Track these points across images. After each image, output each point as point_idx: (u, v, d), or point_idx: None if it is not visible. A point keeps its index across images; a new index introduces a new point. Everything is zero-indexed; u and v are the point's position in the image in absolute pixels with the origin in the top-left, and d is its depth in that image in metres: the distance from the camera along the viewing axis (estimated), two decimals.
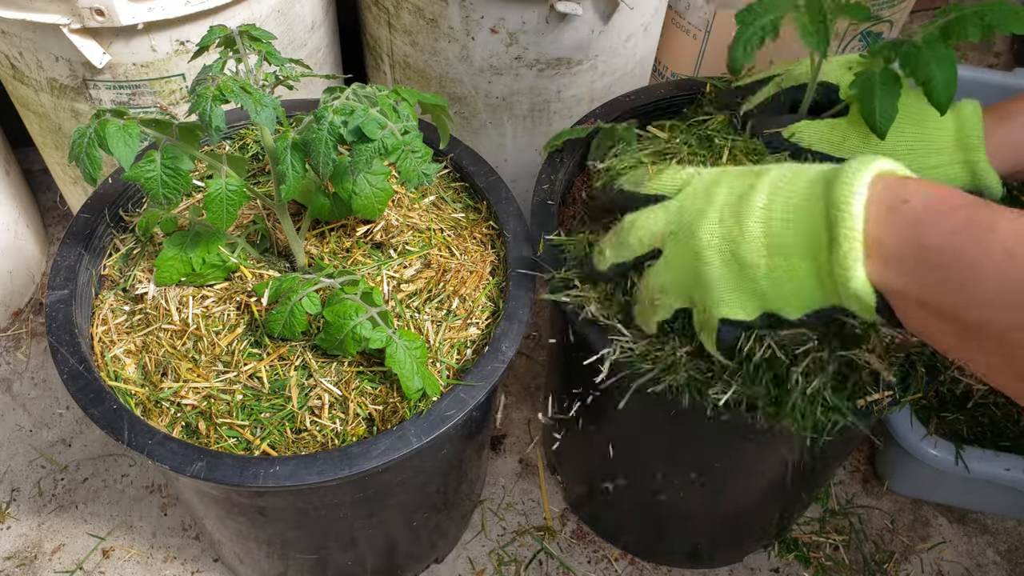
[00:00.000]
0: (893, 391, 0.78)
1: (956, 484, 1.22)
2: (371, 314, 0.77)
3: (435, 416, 0.77)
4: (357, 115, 0.71)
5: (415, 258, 0.89)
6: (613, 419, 1.01)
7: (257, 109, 0.70)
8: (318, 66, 1.29)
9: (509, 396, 1.39)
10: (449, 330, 0.85)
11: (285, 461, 0.74)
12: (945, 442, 1.14)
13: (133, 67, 1.09)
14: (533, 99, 1.26)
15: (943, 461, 1.14)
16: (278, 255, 0.91)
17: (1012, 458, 1.14)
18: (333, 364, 0.81)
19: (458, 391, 0.79)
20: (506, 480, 1.29)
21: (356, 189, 0.82)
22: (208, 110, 0.69)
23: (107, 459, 1.29)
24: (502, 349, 0.82)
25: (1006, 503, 1.25)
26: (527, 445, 1.33)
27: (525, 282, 0.88)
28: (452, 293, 0.87)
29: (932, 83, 0.78)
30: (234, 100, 0.69)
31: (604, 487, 1.15)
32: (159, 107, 1.14)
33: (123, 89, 1.11)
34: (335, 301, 0.78)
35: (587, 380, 1.01)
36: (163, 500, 1.25)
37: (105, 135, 0.70)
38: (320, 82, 1.29)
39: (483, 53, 1.19)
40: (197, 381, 0.80)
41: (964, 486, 1.22)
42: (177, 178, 0.74)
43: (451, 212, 0.96)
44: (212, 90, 0.69)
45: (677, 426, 0.91)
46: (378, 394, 0.81)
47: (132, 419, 0.76)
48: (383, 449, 0.75)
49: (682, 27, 1.44)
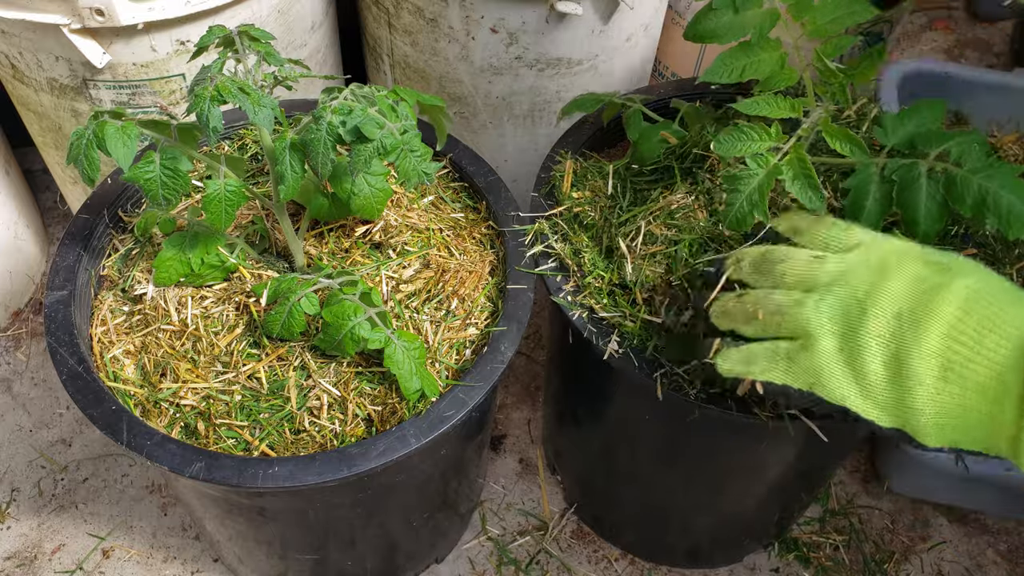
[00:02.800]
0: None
1: (956, 484, 1.21)
2: (370, 314, 0.77)
3: (434, 416, 0.77)
4: (355, 115, 0.70)
5: (414, 258, 0.89)
6: (613, 418, 1.01)
7: (255, 110, 0.70)
8: (318, 67, 1.28)
9: (509, 396, 1.38)
10: (448, 330, 0.85)
11: (284, 462, 0.74)
12: None
13: (133, 67, 1.08)
14: (533, 99, 1.25)
15: (943, 461, 1.13)
16: (277, 255, 0.90)
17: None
18: (332, 365, 0.81)
19: (457, 391, 0.79)
20: (506, 480, 1.29)
21: (355, 189, 0.82)
22: (206, 111, 0.68)
23: (107, 459, 1.29)
24: (501, 349, 0.82)
25: (1006, 503, 1.25)
26: (527, 445, 1.33)
27: (524, 282, 0.88)
28: (451, 293, 0.87)
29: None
30: (232, 101, 0.69)
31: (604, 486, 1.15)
32: (159, 107, 1.13)
33: (123, 89, 1.11)
34: (334, 302, 0.78)
35: (587, 379, 1.01)
36: (163, 500, 1.25)
37: (103, 136, 0.69)
38: (320, 83, 1.29)
39: (483, 53, 1.18)
40: (196, 382, 0.80)
41: (964, 486, 1.22)
42: (176, 179, 0.74)
43: (450, 212, 0.96)
44: (210, 90, 0.69)
45: (676, 425, 0.91)
46: (377, 395, 0.81)
47: (131, 420, 0.76)
48: (382, 450, 0.75)
49: (682, 27, 1.44)
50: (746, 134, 0.78)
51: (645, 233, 0.86)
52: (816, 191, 0.75)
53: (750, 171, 0.76)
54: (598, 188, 0.93)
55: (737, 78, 0.83)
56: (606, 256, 0.89)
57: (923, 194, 0.73)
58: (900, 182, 0.75)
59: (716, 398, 0.78)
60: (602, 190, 0.93)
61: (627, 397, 0.95)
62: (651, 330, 0.82)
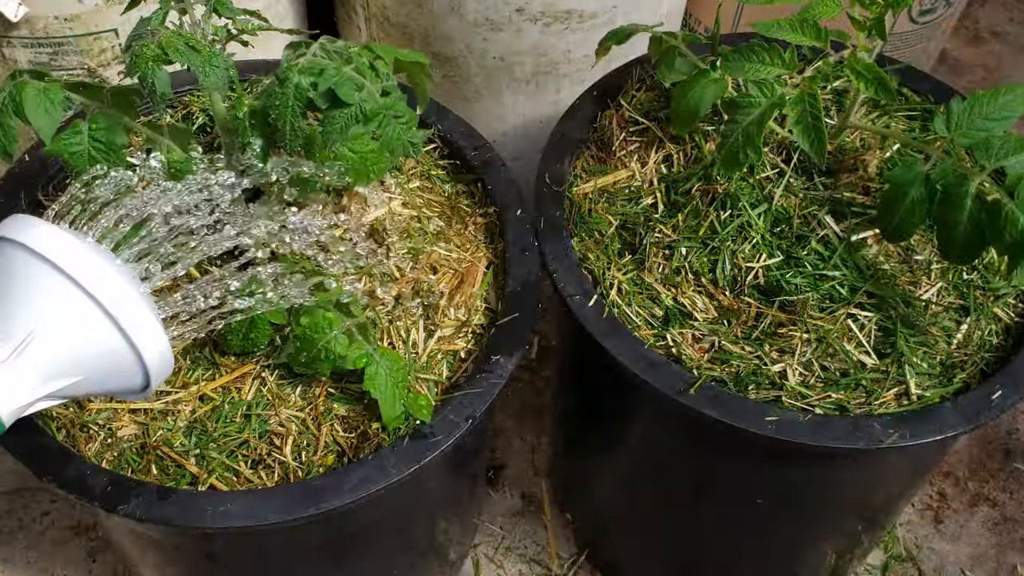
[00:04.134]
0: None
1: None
2: (347, 326, 0.77)
3: (419, 442, 0.77)
4: (328, 75, 0.70)
5: (399, 254, 0.89)
6: (635, 444, 1.01)
7: (206, 70, 0.70)
8: (278, 20, 1.28)
9: (508, 418, 1.38)
10: (439, 339, 0.85)
11: (238, 497, 0.73)
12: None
13: (55, 21, 1.08)
14: (537, 60, 1.25)
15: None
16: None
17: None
18: (299, 384, 0.81)
19: (447, 411, 0.79)
20: (504, 520, 1.29)
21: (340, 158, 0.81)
22: (150, 73, 0.68)
23: (24, 494, 1.28)
24: (500, 362, 0.82)
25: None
26: (530, 477, 1.33)
27: (528, 281, 0.88)
28: (442, 295, 0.87)
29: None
30: (178, 60, 0.68)
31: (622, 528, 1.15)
32: (86, 69, 1.13)
33: (43, 48, 1.11)
34: (305, 311, 0.77)
35: (604, 396, 1.01)
36: (91, 544, 1.24)
37: (22, 101, 0.69)
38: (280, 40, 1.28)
39: (477, 4, 1.18)
40: (133, 403, 0.80)
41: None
42: (109, 153, 0.74)
43: (439, 197, 0.96)
44: (153, 48, 0.68)
45: (710, 450, 0.91)
46: (350, 416, 0.81)
47: (53, 446, 0.75)
48: (356, 482, 0.74)
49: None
50: (756, 54, 0.78)
51: (682, 269, 0.87)
52: (820, 140, 0.75)
53: (751, 99, 0.76)
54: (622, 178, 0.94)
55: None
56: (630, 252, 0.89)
57: (965, 215, 0.73)
58: (943, 194, 0.74)
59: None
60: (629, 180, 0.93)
61: (655, 419, 0.95)
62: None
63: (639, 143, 0.97)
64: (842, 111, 0.94)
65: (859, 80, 0.79)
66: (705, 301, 0.86)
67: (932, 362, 0.83)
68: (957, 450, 1.38)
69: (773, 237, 0.87)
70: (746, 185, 0.89)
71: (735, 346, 0.84)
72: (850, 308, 0.84)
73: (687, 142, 0.94)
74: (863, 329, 0.83)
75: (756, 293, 0.85)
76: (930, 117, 0.97)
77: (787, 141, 0.91)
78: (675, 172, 0.93)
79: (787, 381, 0.82)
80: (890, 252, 0.87)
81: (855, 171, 0.90)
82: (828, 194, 0.88)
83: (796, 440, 0.78)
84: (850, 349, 0.83)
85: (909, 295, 0.85)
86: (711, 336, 0.84)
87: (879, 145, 0.92)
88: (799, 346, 0.83)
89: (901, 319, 0.83)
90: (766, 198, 0.88)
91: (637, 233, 0.90)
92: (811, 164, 0.90)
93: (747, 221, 0.87)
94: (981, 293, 0.87)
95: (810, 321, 0.83)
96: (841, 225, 0.87)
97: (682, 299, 0.86)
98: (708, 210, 0.88)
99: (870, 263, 0.86)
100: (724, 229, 0.87)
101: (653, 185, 0.93)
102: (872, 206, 0.87)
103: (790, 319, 0.84)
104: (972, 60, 1.96)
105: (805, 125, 0.76)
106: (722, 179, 0.88)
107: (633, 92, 1.03)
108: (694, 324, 0.85)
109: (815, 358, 0.82)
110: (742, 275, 0.86)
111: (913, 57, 1.52)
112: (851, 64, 0.79)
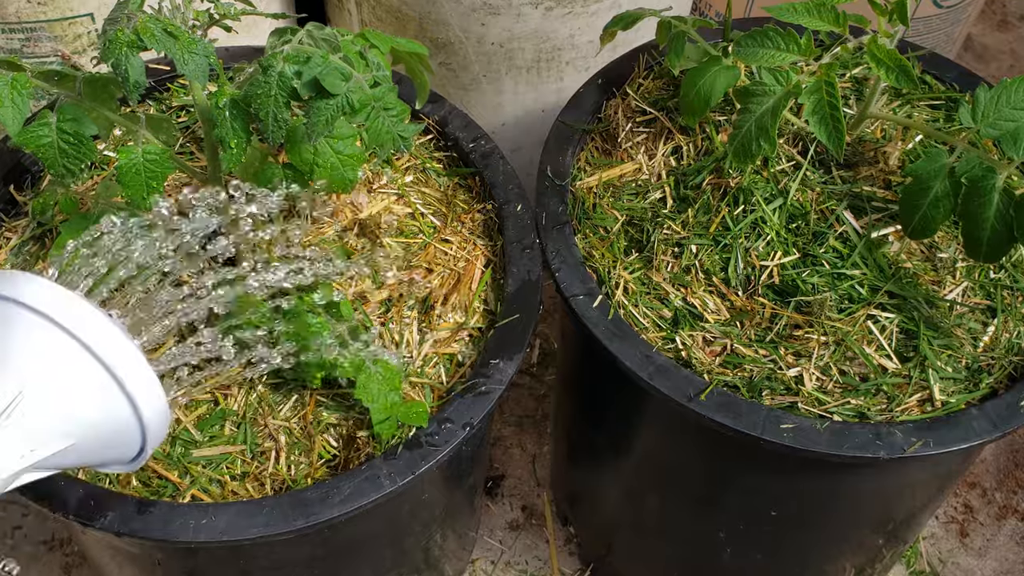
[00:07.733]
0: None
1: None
2: (339, 331, 0.77)
3: (414, 451, 0.77)
4: (314, 63, 0.70)
5: (392, 253, 0.89)
6: (642, 453, 1.01)
7: (185, 58, 0.69)
8: (264, 4, 1.28)
9: (508, 426, 1.38)
10: (435, 342, 0.85)
11: (222, 509, 0.73)
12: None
13: (27, 5, 1.08)
14: (539, 46, 1.25)
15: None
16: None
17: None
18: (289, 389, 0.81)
19: (444, 418, 0.79)
20: (504, 533, 1.29)
21: (318, 159, 0.81)
22: (123, 60, 0.68)
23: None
24: (499, 366, 0.82)
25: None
26: (531, 488, 1.33)
27: (528, 280, 0.88)
28: (438, 296, 0.87)
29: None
30: (155, 47, 0.68)
31: (630, 541, 1.15)
32: (60, 56, 1.13)
33: (15, 34, 1.11)
34: (293, 316, 0.77)
35: (609, 402, 1.01)
36: (66, 560, 1.24)
37: None
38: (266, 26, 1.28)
39: None
40: None
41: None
42: (79, 146, 0.74)
43: (435, 191, 0.96)
44: (128, 34, 0.68)
45: (722, 460, 0.91)
46: (341, 423, 0.80)
47: None
48: (347, 494, 0.74)
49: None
50: (770, 39, 0.78)
51: (693, 268, 0.87)
52: (838, 131, 0.75)
53: (765, 87, 0.76)
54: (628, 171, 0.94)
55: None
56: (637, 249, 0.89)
57: (992, 211, 0.73)
58: (969, 187, 0.74)
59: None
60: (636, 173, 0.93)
61: (664, 426, 0.95)
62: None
63: (646, 134, 0.97)
64: (861, 100, 0.94)
65: (879, 67, 0.79)
66: (716, 302, 0.86)
67: (957, 366, 0.83)
68: (984, 459, 1.38)
69: (789, 234, 0.87)
70: (760, 179, 0.89)
71: (748, 349, 0.84)
72: (870, 309, 0.84)
73: (697, 133, 0.95)
74: (884, 331, 0.83)
75: (771, 293, 0.85)
76: (955, 107, 0.98)
77: (803, 132, 0.91)
78: (685, 165, 0.93)
79: (803, 386, 0.82)
80: (912, 250, 0.87)
81: (875, 164, 0.90)
82: (847, 188, 0.89)
83: (813, 449, 0.78)
84: (870, 352, 0.83)
85: (933, 295, 0.85)
86: (723, 339, 0.84)
87: (901, 136, 0.92)
88: (816, 349, 0.83)
89: (924, 321, 0.83)
90: (781, 192, 0.88)
91: (644, 229, 0.90)
92: (829, 156, 0.90)
93: (761, 217, 0.87)
94: (1009, 293, 0.87)
95: (828, 323, 0.83)
96: (861, 221, 0.87)
97: (692, 300, 0.86)
98: (720, 205, 0.88)
99: (891, 261, 0.86)
100: (737, 225, 0.87)
101: (661, 179, 0.93)
102: (893, 201, 0.87)
103: (806, 321, 0.84)
104: (999, 46, 1.96)
105: (822, 115, 0.76)
106: (734, 172, 0.88)
107: (640, 80, 1.03)
108: (705, 326, 0.85)
109: (833, 362, 0.82)
110: (756, 274, 0.86)
111: (936, 43, 1.52)
112: (871, 50, 0.79)
